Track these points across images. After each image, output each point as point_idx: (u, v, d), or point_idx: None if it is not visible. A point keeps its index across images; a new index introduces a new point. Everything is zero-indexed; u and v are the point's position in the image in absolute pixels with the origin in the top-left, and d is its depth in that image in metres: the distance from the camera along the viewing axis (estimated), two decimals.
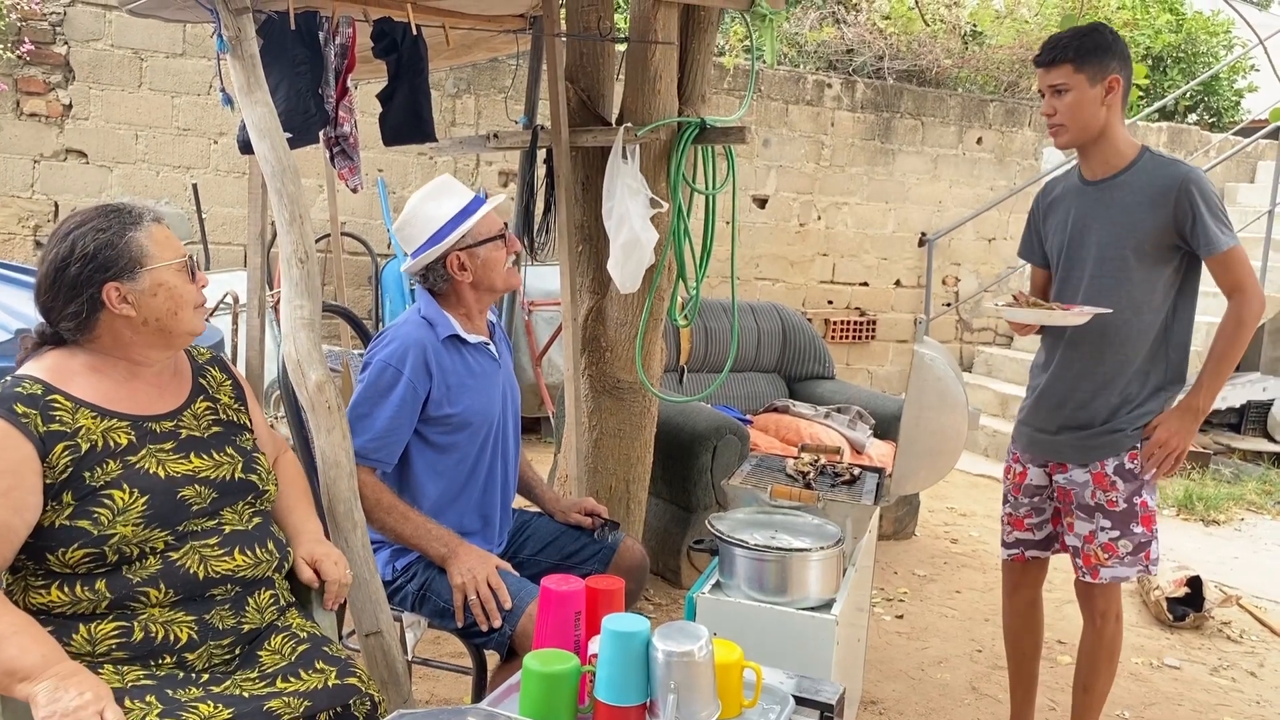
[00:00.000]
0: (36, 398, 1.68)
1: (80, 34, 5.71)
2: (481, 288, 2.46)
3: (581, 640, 1.75)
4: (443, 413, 2.38)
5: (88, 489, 1.67)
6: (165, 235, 1.81)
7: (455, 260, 2.42)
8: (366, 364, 2.40)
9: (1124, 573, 2.68)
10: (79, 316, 1.74)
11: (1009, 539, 2.91)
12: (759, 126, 7.34)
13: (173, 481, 1.74)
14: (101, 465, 1.69)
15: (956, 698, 3.35)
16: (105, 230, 1.74)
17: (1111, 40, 2.54)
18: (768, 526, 2.32)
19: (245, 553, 1.79)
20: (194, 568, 1.72)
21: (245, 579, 1.79)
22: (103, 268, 1.72)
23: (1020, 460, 2.85)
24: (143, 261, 1.74)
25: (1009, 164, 8.16)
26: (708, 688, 1.62)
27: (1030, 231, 2.87)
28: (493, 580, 2.28)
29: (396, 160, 6.37)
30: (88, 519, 1.65)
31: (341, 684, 1.74)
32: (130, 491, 1.69)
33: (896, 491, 2.56)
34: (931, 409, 2.37)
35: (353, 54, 2.93)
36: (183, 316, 1.78)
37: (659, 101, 3.30)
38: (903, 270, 8.00)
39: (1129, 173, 2.57)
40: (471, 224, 2.41)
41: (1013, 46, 8.25)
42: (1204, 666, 3.74)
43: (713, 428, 4.00)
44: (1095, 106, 2.53)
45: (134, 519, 1.67)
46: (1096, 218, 2.61)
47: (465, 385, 2.42)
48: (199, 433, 1.86)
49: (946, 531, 5.18)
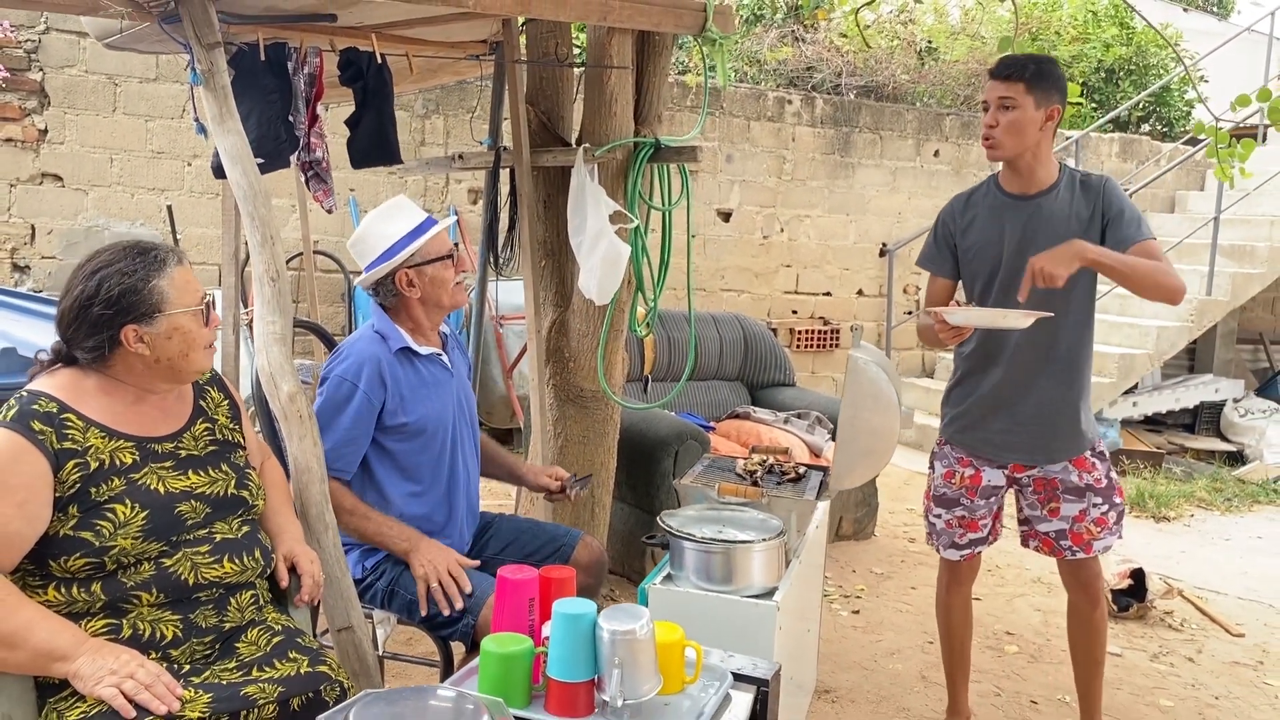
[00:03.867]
0: (52, 415, 1.81)
1: (55, 60, 5.83)
2: (429, 304, 2.62)
3: (536, 625, 1.90)
4: (398, 421, 2.53)
5: (93, 503, 1.80)
6: (186, 279, 1.92)
7: (404, 277, 2.58)
8: (324, 379, 2.55)
9: (1111, 541, 2.89)
10: (97, 350, 1.86)
11: (961, 541, 3.00)
12: (722, 142, 7.54)
13: (171, 497, 1.88)
14: (107, 481, 1.82)
15: (907, 686, 3.51)
16: (130, 275, 1.85)
17: (1060, 75, 2.73)
18: (716, 522, 2.47)
19: (233, 560, 1.94)
20: (185, 574, 1.86)
21: (230, 584, 1.94)
22: (124, 311, 1.84)
23: (971, 464, 2.93)
24: (162, 308, 1.86)
25: (966, 175, 8.39)
26: (649, 664, 1.77)
27: (939, 244, 2.96)
28: (453, 569, 2.43)
29: (368, 180, 6.52)
30: (90, 530, 1.78)
31: (313, 671, 1.89)
32: (132, 506, 1.82)
33: (835, 487, 2.72)
34: (866, 410, 2.54)
35: (320, 82, 3.08)
36: (193, 358, 1.92)
37: (615, 123, 3.45)
38: (865, 280, 8.20)
39: (1060, 187, 2.76)
40: (420, 243, 2.57)
41: (967, 61, 8.50)
42: (1144, 653, 3.93)
43: (674, 433, 4.16)
44: (1034, 128, 2.69)
45: (134, 533, 1.81)
46: (1039, 229, 2.73)
47: (418, 395, 2.57)
48: (197, 452, 1.99)
49: (905, 531, 5.36)
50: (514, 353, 6.21)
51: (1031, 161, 2.75)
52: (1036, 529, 2.94)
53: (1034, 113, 2.68)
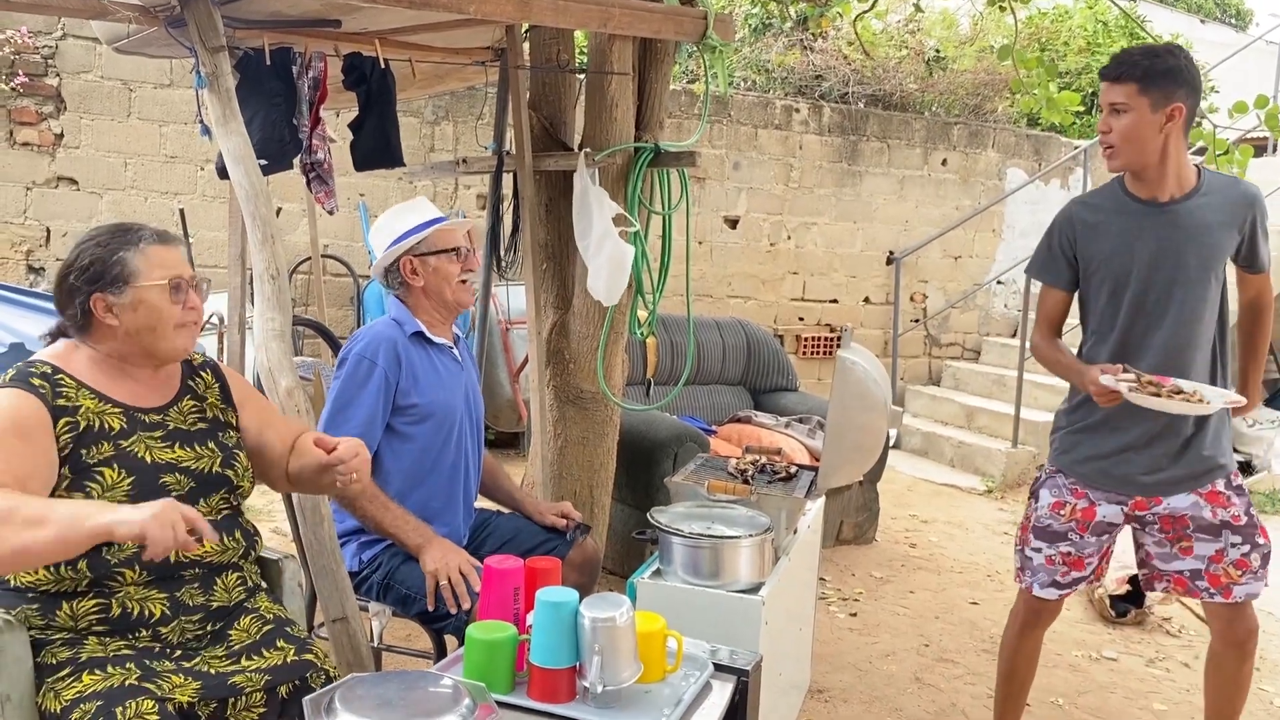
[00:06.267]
0: (47, 375, 1.90)
1: (71, 66, 5.93)
2: (431, 295, 2.68)
3: (520, 613, 1.95)
4: (409, 401, 2.59)
5: (83, 465, 1.86)
6: (161, 256, 1.98)
7: (408, 264, 2.66)
8: (342, 361, 2.61)
9: (1257, 588, 2.57)
10: (76, 318, 1.96)
11: (1064, 579, 2.70)
12: (729, 150, 7.59)
13: (157, 467, 1.94)
14: (97, 445, 1.89)
15: (900, 687, 3.54)
16: (104, 246, 1.95)
17: (1183, 65, 2.43)
18: (705, 518, 2.51)
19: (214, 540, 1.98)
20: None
21: (212, 563, 1.98)
22: (93, 280, 1.93)
23: (1086, 496, 2.65)
24: (129, 280, 1.93)
25: (973, 184, 8.42)
26: (629, 651, 1.81)
27: (1056, 252, 2.67)
28: (464, 568, 2.47)
29: (378, 185, 6.59)
30: (81, 492, 1.84)
31: (299, 660, 1.94)
32: (119, 471, 1.89)
33: (823, 485, 2.75)
34: (853, 409, 2.58)
35: (324, 86, 3.14)
36: (161, 333, 1.96)
37: (616, 128, 3.50)
38: (871, 288, 8.23)
39: (1201, 193, 2.52)
40: (427, 233, 2.65)
41: (975, 70, 8.53)
42: (1140, 659, 3.94)
43: (674, 435, 4.20)
44: (1153, 132, 2.44)
45: (119, 497, 1.86)
46: (1175, 240, 2.51)
47: (430, 380, 2.64)
48: (186, 426, 2.04)
49: (906, 537, 5.38)
50: (520, 356, 6.25)
51: (1159, 167, 2.49)
52: (1164, 569, 2.65)
53: (1151, 116, 2.42)
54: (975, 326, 8.65)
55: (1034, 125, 8.91)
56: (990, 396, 7.63)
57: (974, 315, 8.63)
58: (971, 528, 5.67)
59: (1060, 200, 8.70)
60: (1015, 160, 8.56)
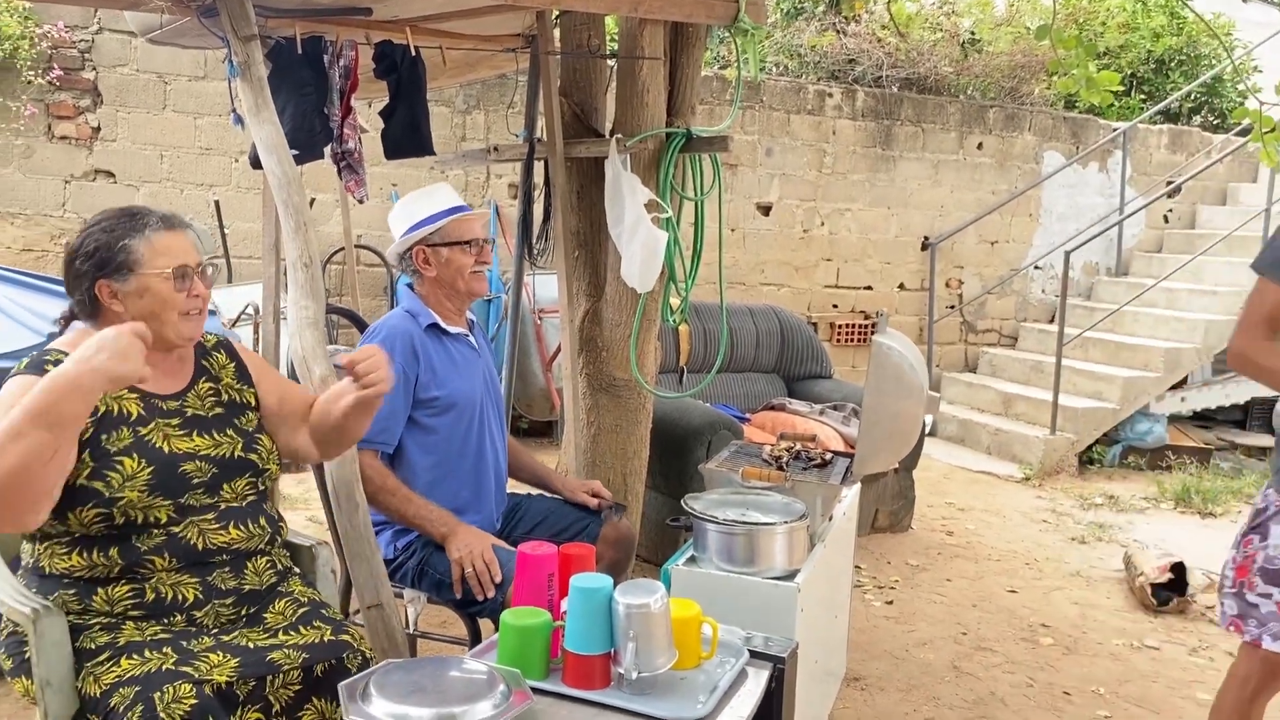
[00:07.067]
0: (60, 362, 1.88)
1: (107, 60, 5.99)
2: (444, 285, 2.68)
3: (555, 600, 1.94)
4: (430, 395, 2.59)
5: (104, 451, 1.87)
6: (167, 243, 1.97)
7: (421, 253, 2.67)
8: None
9: None
10: (84, 303, 1.97)
11: None
12: (762, 136, 7.53)
13: (175, 457, 1.94)
14: (116, 431, 1.90)
15: (938, 675, 3.50)
16: (109, 232, 1.95)
17: None
18: (740, 505, 2.49)
19: (239, 527, 1.99)
20: (194, 539, 1.92)
21: (240, 550, 1.99)
22: (98, 266, 1.93)
23: None
24: (132, 267, 1.93)
25: (1009, 168, 8.30)
26: (664, 637, 1.80)
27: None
28: (487, 555, 2.47)
29: (410, 175, 6.61)
30: (101, 480, 1.85)
31: (336, 640, 1.94)
32: (138, 460, 1.89)
33: (859, 472, 2.72)
34: (889, 395, 2.54)
35: (355, 75, 3.14)
36: (166, 320, 1.96)
37: (648, 113, 3.48)
38: (906, 274, 8.15)
39: None
40: (442, 224, 2.64)
41: (1011, 52, 8.39)
42: (1183, 647, 3.88)
43: (707, 423, 4.18)
44: None
45: (139, 485, 1.87)
46: None
47: (449, 370, 2.63)
48: (204, 412, 2.05)
49: (943, 525, 5.33)
50: (553, 345, 6.26)
51: None
52: None
53: None
54: (1012, 312, 8.54)
55: (1071, 108, 8.77)
56: (1028, 383, 7.54)
57: (1010, 301, 8.53)
58: (1009, 515, 5.61)
59: (1099, 184, 8.58)
60: (1052, 143, 8.43)
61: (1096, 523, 5.50)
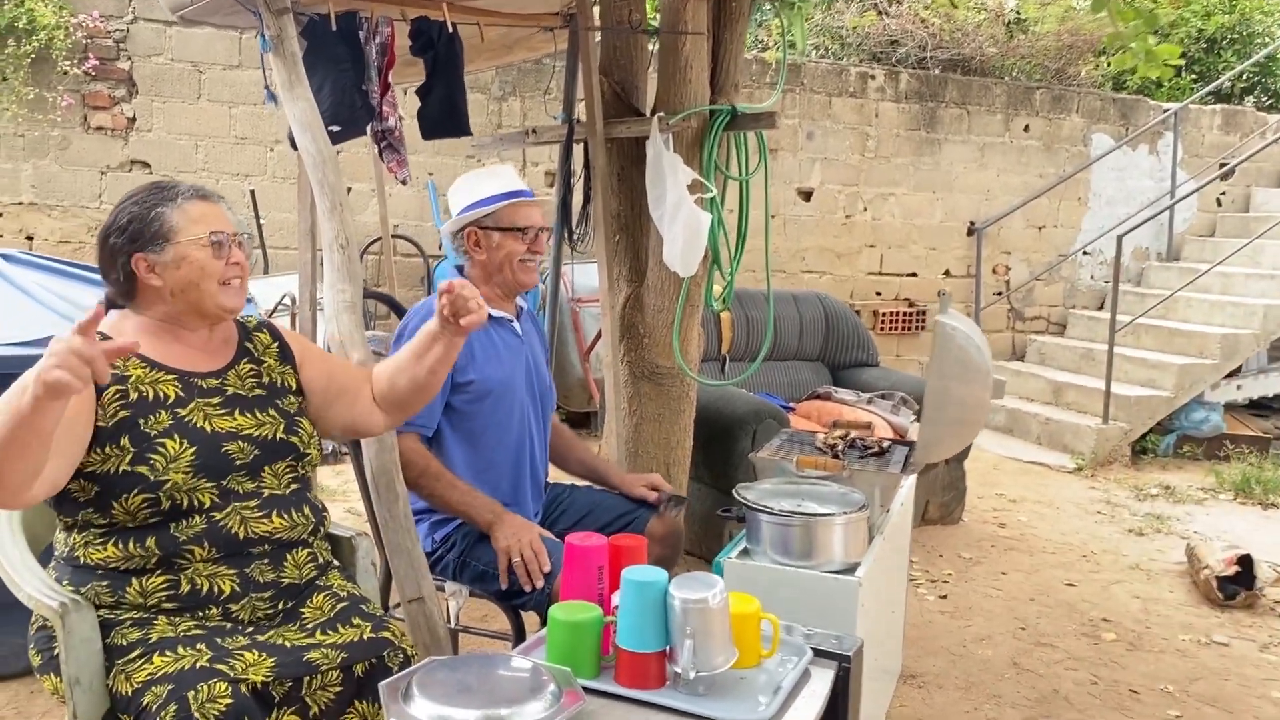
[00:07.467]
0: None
1: (142, 49, 5.95)
2: (491, 271, 2.57)
3: (605, 594, 1.83)
4: (466, 378, 2.49)
5: (143, 435, 1.79)
6: (201, 211, 1.91)
7: (472, 235, 2.57)
8: (398, 338, 2.52)
9: None
10: (120, 282, 1.90)
11: None
12: (802, 120, 7.38)
13: (217, 436, 1.86)
14: (154, 414, 1.82)
15: (998, 672, 3.36)
16: (142, 204, 1.88)
17: None
18: (794, 495, 2.37)
19: (282, 516, 1.90)
20: (235, 528, 1.83)
21: (282, 540, 1.90)
22: (132, 239, 1.86)
23: None
24: (168, 236, 1.86)
25: (1057, 151, 8.09)
26: (723, 634, 1.68)
27: None
28: (535, 544, 2.37)
29: (447, 163, 6.53)
30: (145, 465, 1.77)
31: (376, 637, 1.85)
32: (180, 442, 1.81)
33: (921, 460, 2.59)
34: (954, 379, 2.41)
35: (392, 51, 3.05)
36: (206, 290, 1.88)
37: (690, 90, 3.36)
38: (951, 260, 7.97)
39: None
40: (497, 207, 2.53)
41: (1059, 33, 8.18)
42: (1254, 643, 3.71)
43: (752, 411, 4.06)
44: None
45: (184, 467, 1.79)
46: None
47: (489, 355, 2.53)
48: (244, 392, 1.97)
49: (995, 517, 5.17)
50: (591, 335, 6.16)
51: None
52: None
53: None
54: (1060, 299, 8.33)
55: (1120, 88, 8.54)
56: (1078, 371, 7.33)
57: (1059, 288, 8.32)
58: (1062, 507, 5.44)
59: (1149, 167, 8.34)
60: (1101, 125, 8.20)
61: (1153, 514, 5.32)
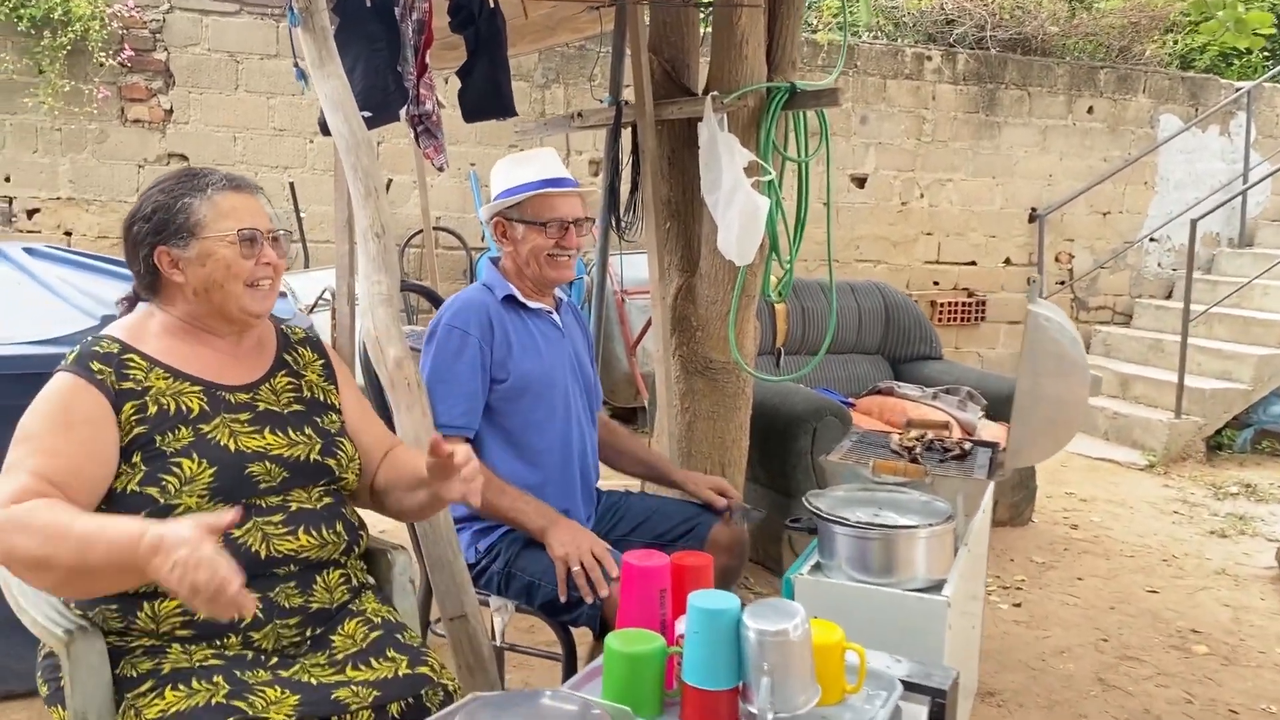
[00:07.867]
0: (112, 355, 1.67)
1: (179, 40, 5.84)
2: (520, 263, 2.39)
3: (668, 620, 1.63)
4: (503, 374, 2.31)
5: (158, 453, 1.62)
6: (232, 204, 1.74)
7: (500, 225, 2.41)
8: (431, 333, 2.35)
9: None
10: (142, 275, 1.75)
11: None
12: (856, 103, 7.12)
13: (242, 456, 1.68)
14: (174, 430, 1.65)
15: (1082, 689, 3.12)
16: (168, 193, 1.72)
17: None
18: (870, 504, 2.17)
19: (310, 533, 1.71)
20: (255, 545, 1.65)
21: (310, 560, 1.71)
22: (156, 230, 1.70)
23: None
24: (193, 230, 1.70)
25: (1123, 133, 7.75)
26: (805, 670, 1.48)
27: None
28: (596, 551, 2.18)
29: (489, 153, 6.36)
30: (156, 486, 1.60)
31: (413, 674, 1.65)
32: (199, 462, 1.63)
33: (1012, 464, 2.37)
34: (1049, 374, 2.18)
35: (429, 30, 2.86)
36: (231, 290, 1.71)
37: (746, 67, 3.15)
38: (1012, 248, 7.67)
39: None
40: (524, 196, 2.35)
41: (1124, 10, 7.82)
42: None
43: (812, 409, 3.84)
44: None
45: (200, 490, 1.62)
46: None
47: (526, 348, 2.35)
48: (278, 408, 1.79)
49: (1065, 517, 4.90)
50: (638, 328, 5.97)
51: None
52: None
53: None
54: (1126, 288, 7.99)
55: (1188, 67, 8.18)
56: (1146, 363, 7.01)
57: (1125, 276, 7.98)
58: (1136, 506, 5.16)
59: (1220, 149, 7.97)
60: (1169, 106, 7.84)
61: (1235, 514, 5.03)
